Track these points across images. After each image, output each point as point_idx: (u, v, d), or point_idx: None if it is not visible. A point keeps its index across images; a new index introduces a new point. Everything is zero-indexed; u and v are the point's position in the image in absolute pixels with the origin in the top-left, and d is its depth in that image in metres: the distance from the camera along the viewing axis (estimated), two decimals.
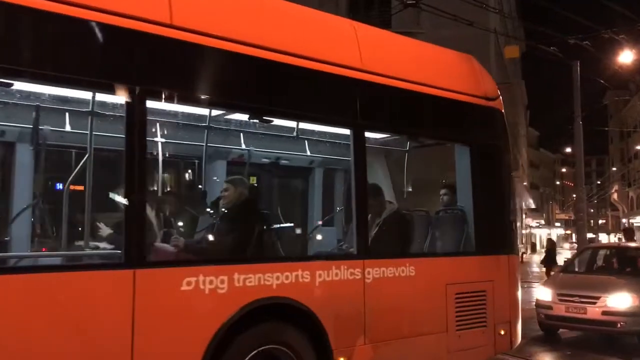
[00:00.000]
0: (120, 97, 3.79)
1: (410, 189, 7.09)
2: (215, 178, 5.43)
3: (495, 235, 6.18)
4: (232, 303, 4.11)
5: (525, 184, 46.12)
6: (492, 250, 6.08)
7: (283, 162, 6.14)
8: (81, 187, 4.34)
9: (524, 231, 50.84)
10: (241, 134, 5.62)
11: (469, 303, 5.72)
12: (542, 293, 10.37)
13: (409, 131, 5.88)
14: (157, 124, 4.95)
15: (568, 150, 50.10)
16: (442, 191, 6.60)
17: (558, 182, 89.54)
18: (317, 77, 4.86)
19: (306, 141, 5.66)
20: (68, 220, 4.50)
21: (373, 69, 5.27)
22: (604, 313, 9.33)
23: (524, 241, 48.82)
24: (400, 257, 5.28)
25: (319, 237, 5.46)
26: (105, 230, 4.45)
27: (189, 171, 5.62)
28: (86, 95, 4.17)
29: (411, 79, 5.60)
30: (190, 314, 3.95)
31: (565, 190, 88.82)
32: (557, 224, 66.67)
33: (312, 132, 5.54)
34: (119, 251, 3.76)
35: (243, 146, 5.80)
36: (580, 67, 19.52)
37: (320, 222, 6.17)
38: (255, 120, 4.83)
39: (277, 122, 5.13)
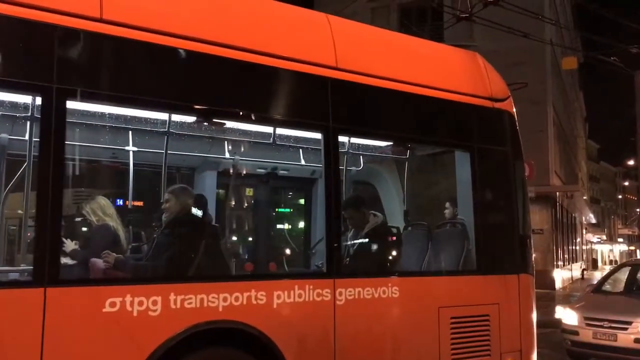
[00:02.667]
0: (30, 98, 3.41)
1: (416, 201, 6.48)
2: (157, 188, 4.91)
3: (503, 252, 5.47)
4: (166, 327, 3.63)
5: (585, 198, 44.03)
6: (498, 269, 5.37)
7: (241, 168, 5.61)
8: None
9: (584, 247, 48.44)
10: (184, 138, 5.08)
11: (468, 329, 5.03)
12: (568, 316, 9.28)
13: (394, 136, 5.27)
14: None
15: (630, 162, 47.53)
16: (447, 203, 5.95)
17: (620, 196, 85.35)
18: (280, 76, 4.36)
19: (269, 145, 5.13)
20: None
21: (350, 67, 4.73)
22: (637, 341, 8.17)
23: (584, 257, 46.46)
24: (380, 275, 4.67)
25: (280, 252, 4.91)
26: (22, 245, 4.07)
27: (127, 180, 5.12)
28: None
29: (399, 78, 5.03)
30: (115, 340, 3.50)
31: (627, 204, 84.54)
32: (620, 240, 63.23)
33: (276, 136, 4.99)
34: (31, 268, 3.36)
35: (190, 151, 5.30)
36: None
37: (284, 236, 5.62)
38: (204, 123, 4.35)
39: (231, 124, 4.62)
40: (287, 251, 5.32)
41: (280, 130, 4.78)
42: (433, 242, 5.57)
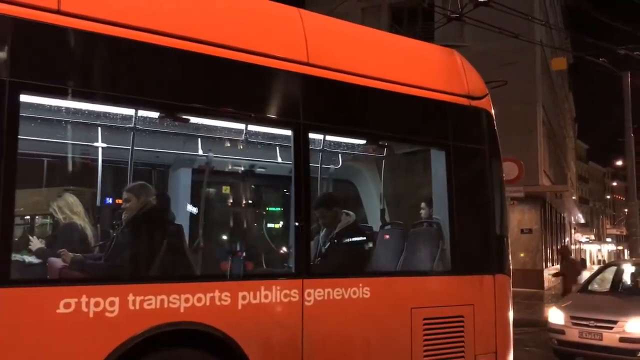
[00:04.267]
0: None
1: (394, 200, 6.39)
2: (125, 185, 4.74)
3: (478, 253, 5.38)
4: (124, 329, 3.52)
5: (574, 198, 44.17)
6: (473, 270, 5.29)
7: (209, 166, 5.47)
8: None
9: (573, 247, 48.63)
10: (150, 134, 4.85)
11: (441, 330, 4.94)
12: (555, 315, 9.31)
13: (367, 134, 5.16)
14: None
15: (619, 163, 47.76)
16: (423, 203, 5.87)
17: (609, 196, 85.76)
18: (248, 71, 4.25)
19: (239, 143, 5.01)
20: None
21: (322, 63, 4.63)
22: (622, 340, 8.20)
23: (573, 256, 46.56)
24: (351, 276, 4.56)
25: (247, 252, 4.80)
26: None
27: (95, 177, 4.98)
28: None
29: (373, 74, 4.93)
30: (69, 342, 3.38)
31: (616, 204, 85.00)
32: (608, 240, 63.57)
33: (247, 133, 4.88)
34: None
35: (158, 148, 5.17)
36: (630, 77, 18.92)
37: (252, 235, 5.49)
38: (169, 119, 4.23)
39: (197, 120, 4.50)
40: (255, 251, 5.19)
41: (250, 127, 4.67)
42: (408, 242, 5.48)
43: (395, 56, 5.31)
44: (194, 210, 5.13)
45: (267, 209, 5.92)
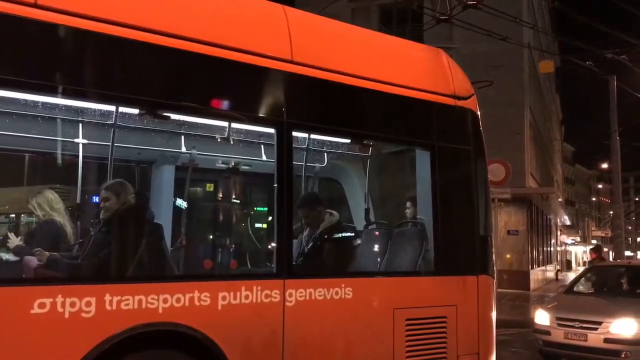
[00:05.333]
0: None
1: (379, 200, 6.35)
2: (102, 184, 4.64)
3: (462, 253, 5.37)
4: (100, 329, 3.45)
5: (560, 200, 44.50)
6: (457, 270, 5.27)
7: (187, 163, 5.39)
8: None
9: (559, 248, 48.98)
10: (129, 130, 4.73)
11: (423, 331, 4.92)
12: (540, 316, 9.33)
13: (352, 133, 5.10)
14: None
15: (604, 166, 48.21)
16: (408, 203, 5.84)
17: (594, 199, 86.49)
18: (230, 68, 4.20)
19: (218, 140, 4.94)
20: None
21: (306, 61, 4.59)
22: (607, 340, 8.24)
23: (558, 258, 46.94)
24: (334, 276, 4.52)
25: (226, 252, 4.74)
26: None
27: (76, 174, 4.89)
28: None
29: (358, 73, 4.89)
30: (44, 343, 3.31)
31: (601, 206, 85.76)
32: (594, 241, 64.05)
33: (225, 130, 4.81)
34: None
35: (134, 144, 5.06)
36: (617, 81, 19.18)
37: (234, 234, 5.41)
38: (149, 115, 4.15)
39: (179, 118, 4.43)
40: (236, 250, 5.12)
41: (232, 125, 4.61)
42: (392, 242, 5.45)
43: (381, 55, 5.28)
44: (183, 205, 5.04)
45: (249, 208, 5.85)
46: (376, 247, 5.44)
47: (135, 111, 4.16)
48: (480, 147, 5.67)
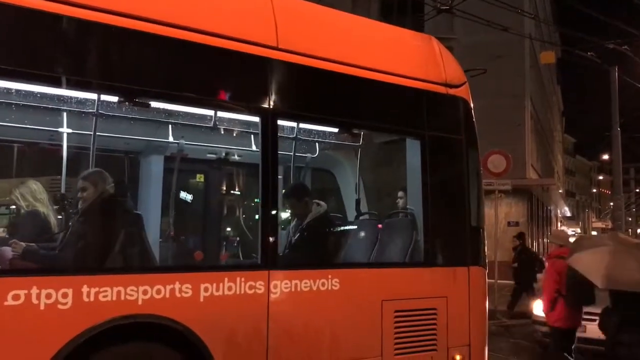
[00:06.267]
0: None
1: (371, 190, 6.27)
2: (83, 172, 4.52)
3: (452, 244, 5.28)
4: (77, 322, 3.38)
5: (560, 191, 44.45)
6: (447, 261, 5.18)
7: (171, 153, 5.30)
8: None
9: None
10: (110, 119, 4.62)
11: (413, 323, 4.85)
12: (539, 307, 9.25)
13: (339, 122, 4.99)
14: None
15: (605, 157, 48.07)
16: (400, 192, 5.76)
17: (595, 190, 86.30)
18: (213, 55, 4.10)
19: (202, 129, 4.84)
20: None
21: (293, 48, 4.49)
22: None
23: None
24: (320, 267, 4.44)
25: (209, 243, 4.65)
26: None
27: (60, 164, 4.79)
28: None
29: (346, 60, 4.80)
30: (18, 335, 3.24)
31: (602, 198, 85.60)
32: (594, 233, 64.04)
33: (209, 119, 4.71)
34: None
35: (116, 133, 4.97)
36: (618, 72, 18.97)
37: (217, 225, 5.32)
38: (130, 103, 4.06)
39: (161, 106, 4.34)
40: (220, 241, 5.04)
41: (216, 114, 4.52)
42: (381, 233, 5.37)
43: (370, 42, 5.17)
44: (166, 195, 4.95)
45: (233, 198, 5.74)
46: (365, 238, 5.36)
47: (118, 99, 4.06)
48: (472, 137, 5.57)
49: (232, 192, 5.58)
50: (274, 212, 4.21)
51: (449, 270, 5.18)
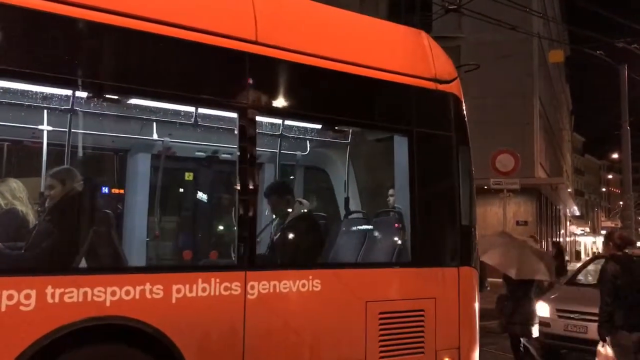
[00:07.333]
0: None
1: (359, 188, 6.13)
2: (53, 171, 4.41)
3: (441, 244, 5.14)
4: (40, 324, 3.27)
5: (569, 190, 44.04)
6: (435, 262, 5.04)
7: (144, 149, 5.13)
8: None
9: (568, 239, 48.49)
10: (85, 115, 4.48)
11: (399, 325, 4.70)
12: (540, 308, 9.08)
13: (322, 118, 4.86)
14: None
15: (615, 156, 47.61)
16: (390, 191, 5.62)
17: (604, 189, 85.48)
18: (189, 49, 3.99)
19: (178, 125, 4.71)
20: None
21: (273, 42, 4.36)
22: None
23: (568, 249, 46.50)
24: (300, 268, 4.31)
25: (182, 242, 4.52)
26: None
27: (40, 162, 4.66)
28: None
29: (330, 55, 4.67)
30: None
31: (611, 197, 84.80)
32: (603, 232, 63.43)
33: (185, 115, 4.58)
34: None
35: (91, 130, 4.83)
36: (627, 70, 18.97)
37: (188, 224, 5.19)
38: (100, 99, 3.95)
39: (136, 102, 4.21)
40: (194, 241, 4.91)
41: (191, 110, 4.40)
42: (370, 233, 5.23)
43: (355, 36, 5.03)
44: (140, 193, 4.82)
45: (209, 196, 5.61)
46: (352, 238, 5.22)
47: (91, 95, 3.95)
48: (463, 133, 5.42)
49: (208, 190, 5.45)
50: (251, 210, 4.09)
51: (437, 270, 5.03)
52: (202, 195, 5.41)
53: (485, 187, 15.58)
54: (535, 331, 7.35)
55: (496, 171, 14.10)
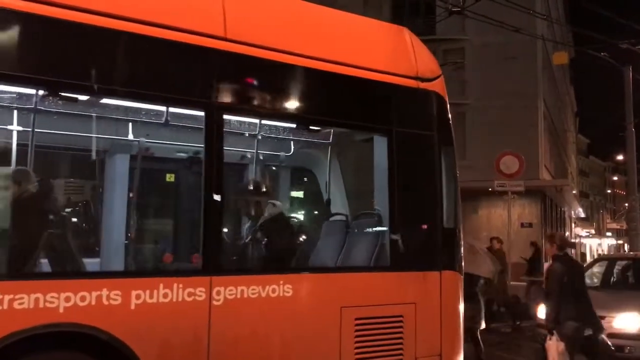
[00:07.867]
0: None
1: (340, 190, 5.96)
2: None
3: (421, 247, 4.96)
4: None
5: (574, 192, 43.69)
6: (416, 266, 4.85)
7: (107, 149, 4.95)
8: None
9: (573, 241, 48.05)
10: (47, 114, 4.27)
11: (376, 331, 4.53)
12: (542, 311, 8.92)
13: (296, 117, 4.70)
14: None
15: (620, 157, 47.24)
16: (364, 193, 5.45)
17: (609, 191, 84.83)
18: (155, 45, 3.84)
19: (144, 124, 4.56)
20: None
21: (243, 39, 4.21)
22: (610, 335, 7.79)
23: (573, 251, 46.15)
24: (270, 272, 4.16)
25: (143, 245, 4.37)
26: None
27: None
28: None
29: (304, 52, 4.52)
30: None
31: (616, 198, 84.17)
32: (608, 234, 62.89)
33: (152, 113, 4.42)
34: None
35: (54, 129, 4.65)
36: (632, 72, 18.72)
37: (150, 227, 5.01)
38: (56, 97, 3.80)
39: (99, 100, 4.08)
40: (156, 244, 4.75)
41: (158, 108, 4.26)
42: (349, 235, 5.07)
43: (332, 33, 4.87)
44: (99, 194, 4.65)
45: (173, 198, 5.44)
46: (330, 241, 5.06)
47: (47, 93, 3.80)
48: (446, 133, 5.24)
49: (173, 191, 5.28)
50: (217, 213, 3.93)
51: (418, 274, 4.85)
52: (167, 197, 5.25)
53: (490, 189, 15.42)
54: (482, 324, 7.74)
55: (500, 173, 13.97)
